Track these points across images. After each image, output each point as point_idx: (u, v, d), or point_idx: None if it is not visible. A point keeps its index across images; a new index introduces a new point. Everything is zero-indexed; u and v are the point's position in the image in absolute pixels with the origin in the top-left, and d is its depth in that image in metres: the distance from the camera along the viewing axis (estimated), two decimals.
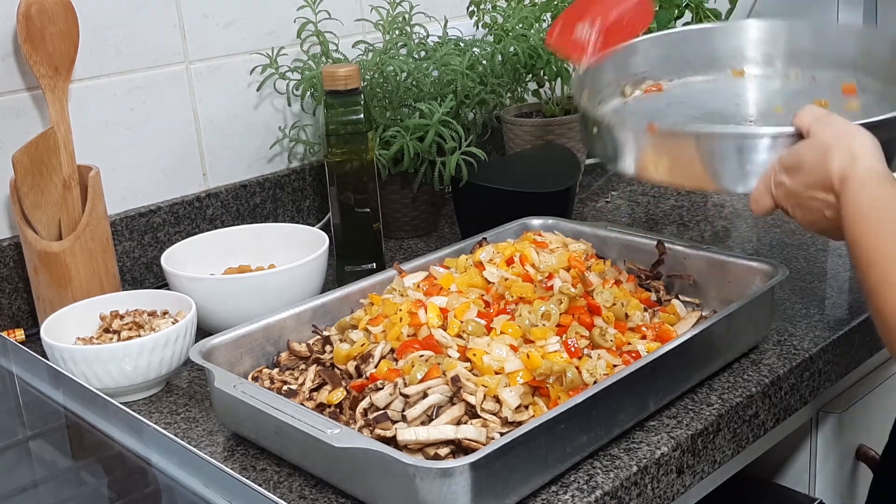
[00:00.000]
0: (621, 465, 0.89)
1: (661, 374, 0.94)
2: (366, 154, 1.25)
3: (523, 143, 1.60)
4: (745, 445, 1.01)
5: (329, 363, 1.00)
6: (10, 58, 1.21)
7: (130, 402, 1.06)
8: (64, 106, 1.20)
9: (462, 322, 0.97)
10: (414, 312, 0.99)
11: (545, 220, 1.25)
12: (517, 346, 0.93)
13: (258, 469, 0.92)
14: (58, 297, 1.17)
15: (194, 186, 1.40)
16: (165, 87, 1.35)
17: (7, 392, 1.03)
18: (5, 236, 1.24)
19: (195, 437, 0.99)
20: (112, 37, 1.29)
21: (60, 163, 1.19)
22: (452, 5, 1.61)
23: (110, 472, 0.91)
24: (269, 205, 1.47)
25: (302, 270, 1.17)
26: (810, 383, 1.08)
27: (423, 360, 0.92)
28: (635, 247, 1.18)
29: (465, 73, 1.42)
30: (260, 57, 1.43)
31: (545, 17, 1.60)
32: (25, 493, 0.88)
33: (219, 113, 1.41)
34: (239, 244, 1.29)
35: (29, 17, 1.16)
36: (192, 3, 1.36)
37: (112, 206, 1.29)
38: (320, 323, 1.08)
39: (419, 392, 0.89)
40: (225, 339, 1.01)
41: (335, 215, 1.28)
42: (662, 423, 0.95)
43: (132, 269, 1.33)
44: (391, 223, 1.47)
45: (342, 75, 1.22)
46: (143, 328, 1.10)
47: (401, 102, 1.42)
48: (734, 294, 1.07)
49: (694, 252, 1.14)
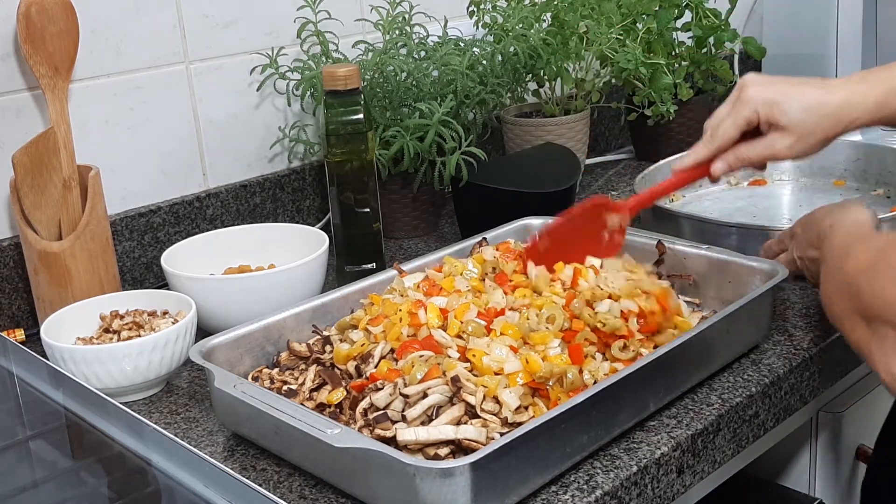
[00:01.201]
0: (621, 465, 0.89)
1: (661, 374, 0.94)
2: (366, 154, 1.25)
3: (523, 143, 1.60)
4: (745, 445, 1.01)
5: (329, 363, 1.00)
6: (10, 58, 1.21)
7: (130, 402, 1.06)
8: (64, 106, 1.20)
9: (462, 322, 0.97)
10: (414, 313, 0.99)
11: (545, 220, 1.25)
12: (517, 348, 0.93)
13: (258, 469, 0.92)
14: (58, 297, 1.17)
15: (194, 186, 1.40)
16: (165, 87, 1.35)
17: (7, 392, 1.03)
18: (5, 236, 1.24)
19: (195, 437, 0.99)
20: (112, 37, 1.29)
21: (60, 163, 1.19)
22: (452, 5, 1.61)
23: (110, 472, 0.91)
24: (269, 205, 1.47)
25: (302, 270, 1.17)
26: (810, 383, 1.08)
27: (423, 361, 0.92)
28: (635, 247, 1.18)
29: (465, 73, 1.42)
30: (260, 57, 1.43)
31: (545, 17, 1.60)
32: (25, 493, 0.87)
33: (219, 113, 1.41)
34: (239, 244, 1.29)
35: (29, 17, 1.16)
36: (192, 3, 1.36)
37: (112, 206, 1.29)
38: (320, 323, 1.08)
39: (419, 392, 0.89)
40: (225, 339, 1.01)
41: (335, 215, 1.28)
42: (662, 423, 0.95)
43: (132, 269, 1.33)
44: (391, 223, 1.47)
45: (342, 75, 1.22)
46: (143, 328, 1.10)
47: (401, 102, 1.42)
48: (734, 294, 1.07)
49: (694, 252, 1.14)
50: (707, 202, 1.47)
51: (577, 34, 1.56)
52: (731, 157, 1.06)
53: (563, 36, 1.56)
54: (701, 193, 1.50)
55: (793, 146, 1.03)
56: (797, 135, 1.02)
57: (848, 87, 1.03)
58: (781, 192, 1.50)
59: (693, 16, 1.75)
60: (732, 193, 1.50)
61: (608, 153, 1.87)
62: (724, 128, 1.06)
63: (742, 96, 1.05)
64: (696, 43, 1.76)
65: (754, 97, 1.04)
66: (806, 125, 1.02)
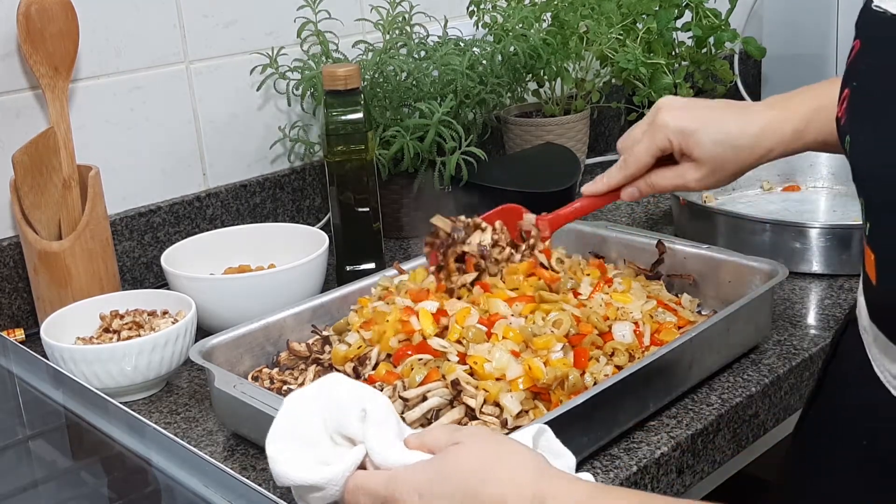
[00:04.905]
0: (621, 465, 0.89)
1: (661, 374, 0.94)
2: (366, 154, 1.25)
3: (523, 143, 1.60)
4: (745, 445, 1.01)
5: (328, 364, 1.00)
6: (10, 58, 1.21)
7: (130, 402, 1.06)
8: (64, 106, 1.20)
9: (462, 328, 0.96)
10: (405, 320, 0.97)
11: None
12: (519, 352, 0.93)
13: (258, 469, 0.92)
14: (58, 296, 1.17)
15: (194, 186, 1.40)
16: (165, 87, 1.35)
17: (7, 392, 1.03)
18: (5, 236, 1.24)
19: (195, 437, 0.99)
20: (112, 37, 1.29)
21: (60, 163, 1.19)
22: (452, 5, 1.61)
23: (110, 472, 0.91)
24: (269, 205, 1.46)
25: (302, 270, 1.16)
26: (810, 383, 1.08)
27: (422, 364, 0.92)
28: (635, 246, 1.18)
29: (465, 73, 1.42)
30: (260, 57, 1.43)
31: (545, 17, 1.60)
32: (25, 493, 0.87)
33: (219, 113, 1.41)
34: (239, 244, 1.29)
35: (29, 17, 1.16)
36: (192, 3, 1.36)
37: (112, 206, 1.29)
38: (320, 323, 1.08)
39: (418, 395, 0.88)
40: (225, 338, 1.01)
41: (335, 215, 1.28)
42: (662, 423, 0.95)
43: (132, 269, 1.33)
44: (391, 223, 1.47)
45: (342, 75, 1.22)
46: (143, 328, 1.10)
47: (401, 102, 1.42)
48: (734, 294, 1.07)
49: (694, 252, 1.14)
50: (740, 205, 1.47)
51: (577, 34, 1.56)
52: (643, 185, 1.04)
53: (563, 36, 1.56)
54: (735, 196, 1.51)
55: (704, 179, 1.00)
56: (710, 168, 0.99)
57: (768, 113, 0.99)
58: (815, 198, 1.50)
59: (693, 16, 1.75)
60: (765, 198, 1.51)
61: (608, 153, 1.87)
62: (637, 154, 1.03)
63: (657, 121, 1.01)
64: (696, 43, 1.76)
65: (670, 123, 1.00)
66: (719, 158, 0.99)
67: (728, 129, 0.98)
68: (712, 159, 0.99)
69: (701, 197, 1.47)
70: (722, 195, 1.51)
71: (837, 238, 1.23)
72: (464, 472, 0.65)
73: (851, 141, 0.74)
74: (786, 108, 0.98)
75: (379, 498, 0.67)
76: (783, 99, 1.00)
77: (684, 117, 1.00)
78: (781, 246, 1.24)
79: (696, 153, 0.99)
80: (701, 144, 0.99)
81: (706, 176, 1.00)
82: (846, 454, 0.86)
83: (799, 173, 1.53)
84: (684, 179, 1.01)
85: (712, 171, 1.00)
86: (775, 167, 1.52)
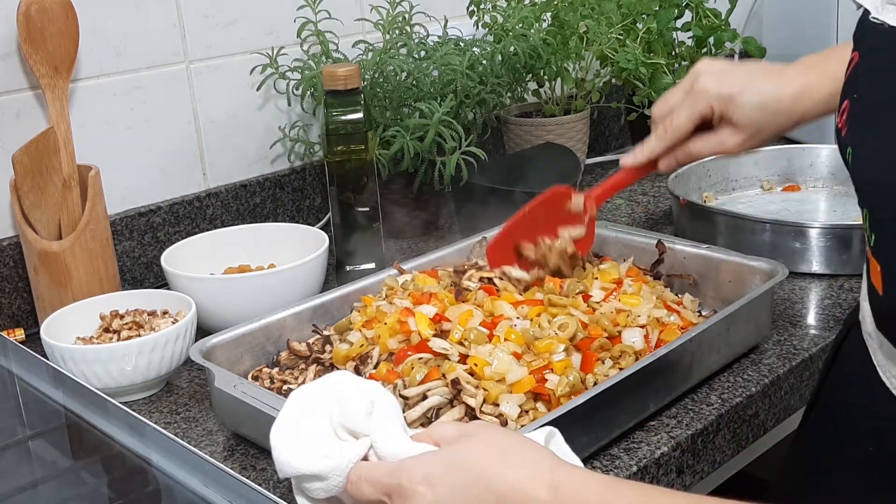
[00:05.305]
0: (621, 465, 0.89)
1: (661, 374, 0.94)
2: (366, 154, 1.25)
3: (523, 143, 1.60)
4: (745, 445, 1.01)
5: (329, 363, 1.00)
6: (10, 58, 1.21)
7: (130, 402, 1.06)
8: (64, 106, 1.20)
9: (465, 329, 0.95)
10: (403, 321, 0.97)
11: None
12: (521, 354, 0.93)
13: (258, 469, 0.92)
14: (58, 296, 1.17)
15: (194, 186, 1.40)
16: (165, 87, 1.35)
17: (7, 392, 1.03)
18: (5, 236, 1.24)
19: (195, 437, 0.99)
20: (112, 37, 1.29)
21: (60, 162, 1.19)
22: (452, 5, 1.61)
23: (110, 472, 0.91)
24: (269, 205, 1.46)
25: (302, 270, 1.16)
26: (810, 383, 1.08)
27: (423, 363, 0.92)
28: (635, 246, 1.18)
29: (465, 72, 1.42)
30: (260, 57, 1.43)
31: (545, 17, 1.60)
32: (25, 493, 0.87)
33: (219, 113, 1.41)
34: (239, 244, 1.29)
35: (29, 17, 1.16)
36: (192, 3, 1.36)
37: (112, 206, 1.29)
38: (320, 322, 1.08)
39: (419, 394, 0.88)
40: (225, 338, 1.01)
41: (335, 215, 1.28)
42: (662, 423, 0.95)
43: (132, 268, 1.33)
44: (391, 223, 1.47)
45: (342, 75, 1.22)
46: (143, 328, 1.10)
47: (401, 102, 1.42)
48: (734, 294, 1.07)
49: (694, 251, 1.14)
50: (740, 205, 1.47)
51: (577, 34, 1.56)
52: (681, 154, 1.04)
53: (563, 36, 1.56)
54: (735, 196, 1.51)
55: (744, 143, 1.00)
56: (749, 132, 0.99)
57: (802, 78, 0.99)
58: (815, 198, 1.50)
59: (693, 16, 1.75)
60: (765, 198, 1.50)
61: (608, 153, 1.87)
62: (678, 122, 1.02)
63: (697, 88, 1.01)
64: (696, 43, 1.76)
65: (710, 90, 1.00)
66: (759, 123, 0.99)
67: (766, 93, 0.98)
68: (752, 124, 0.99)
69: (701, 197, 1.47)
70: (722, 195, 1.51)
71: (837, 238, 1.23)
72: (476, 461, 0.64)
73: (853, 153, 0.74)
74: (822, 71, 0.98)
75: (383, 487, 0.66)
76: (818, 61, 1.00)
77: (724, 82, 1.00)
78: (781, 246, 1.24)
79: (735, 118, 0.99)
80: (741, 109, 0.99)
81: (746, 140, 1.00)
82: (847, 454, 0.86)
83: (799, 173, 1.53)
84: (725, 146, 1.01)
85: (751, 136, 1.00)
86: (775, 167, 1.53)
